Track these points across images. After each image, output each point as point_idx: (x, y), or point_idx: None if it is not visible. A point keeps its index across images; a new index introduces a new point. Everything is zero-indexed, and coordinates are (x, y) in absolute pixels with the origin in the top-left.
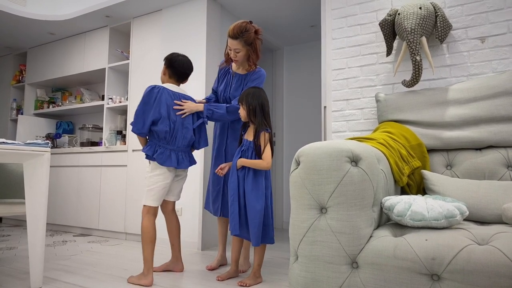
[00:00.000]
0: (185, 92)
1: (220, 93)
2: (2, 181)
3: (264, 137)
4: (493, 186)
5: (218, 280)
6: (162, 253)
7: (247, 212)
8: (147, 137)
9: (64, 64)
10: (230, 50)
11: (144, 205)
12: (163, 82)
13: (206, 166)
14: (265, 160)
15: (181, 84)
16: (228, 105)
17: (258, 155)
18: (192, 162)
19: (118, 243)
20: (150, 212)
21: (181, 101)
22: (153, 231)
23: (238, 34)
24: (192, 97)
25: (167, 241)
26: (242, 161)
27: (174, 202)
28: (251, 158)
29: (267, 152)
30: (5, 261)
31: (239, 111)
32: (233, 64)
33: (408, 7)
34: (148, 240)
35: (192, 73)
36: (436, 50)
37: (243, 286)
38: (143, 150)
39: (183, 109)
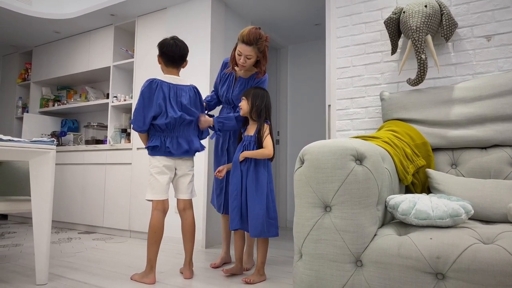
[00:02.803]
0: (186, 82)
1: (223, 94)
2: (8, 179)
3: (264, 128)
4: (498, 185)
5: (223, 271)
6: (165, 251)
7: (248, 204)
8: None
9: (69, 62)
10: (240, 55)
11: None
12: (163, 72)
13: (210, 164)
14: (267, 148)
15: (181, 74)
16: (236, 114)
17: (259, 147)
18: (202, 146)
19: (123, 240)
20: (158, 208)
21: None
22: (159, 231)
23: (253, 41)
24: (194, 85)
25: (171, 239)
26: (245, 153)
27: (186, 200)
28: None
29: (267, 140)
30: (11, 258)
31: (240, 104)
32: (237, 68)
33: (413, 5)
34: (153, 240)
35: (197, 72)
36: (441, 49)
37: (248, 282)
38: (149, 145)
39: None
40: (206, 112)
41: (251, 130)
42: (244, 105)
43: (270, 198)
